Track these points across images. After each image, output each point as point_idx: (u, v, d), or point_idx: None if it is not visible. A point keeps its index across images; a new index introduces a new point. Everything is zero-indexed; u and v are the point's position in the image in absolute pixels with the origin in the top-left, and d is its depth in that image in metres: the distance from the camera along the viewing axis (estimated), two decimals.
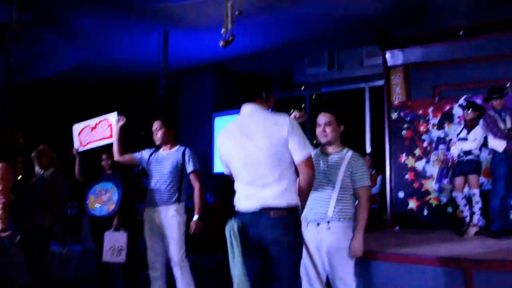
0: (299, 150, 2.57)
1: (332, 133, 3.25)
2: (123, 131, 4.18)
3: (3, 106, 6.99)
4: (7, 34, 5.39)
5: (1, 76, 6.33)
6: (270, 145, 2.56)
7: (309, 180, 2.63)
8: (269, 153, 2.55)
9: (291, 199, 2.56)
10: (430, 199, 6.34)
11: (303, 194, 2.63)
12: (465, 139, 5.30)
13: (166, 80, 5.63)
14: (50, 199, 3.98)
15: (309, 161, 2.60)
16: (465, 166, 5.31)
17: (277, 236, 2.49)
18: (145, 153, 4.21)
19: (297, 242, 2.61)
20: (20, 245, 4.01)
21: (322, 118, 3.28)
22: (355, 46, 8.28)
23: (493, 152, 5.19)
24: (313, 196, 3.22)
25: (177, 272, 3.95)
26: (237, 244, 2.44)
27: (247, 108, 2.71)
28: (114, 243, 4.61)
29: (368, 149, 8.58)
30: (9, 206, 3.64)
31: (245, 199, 2.60)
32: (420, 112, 6.53)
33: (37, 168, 4.43)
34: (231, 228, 2.47)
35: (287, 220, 2.52)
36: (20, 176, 5.18)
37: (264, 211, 2.50)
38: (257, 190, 2.56)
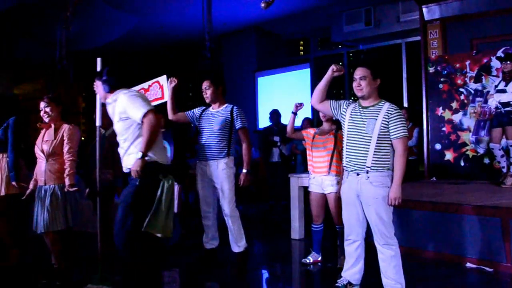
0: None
1: (367, 86, 3.18)
2: (175, 91, 4.22)
3: (66, 73, 7.20)
4: (66, 5, 5.48)
5: (62, 45, 6.48)
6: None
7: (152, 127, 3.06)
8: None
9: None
10: (467, 150, 6.18)
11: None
12: (503, 90, 5.09)
13: (211, 42, 5.61)
14: (112, 156, 4.11)
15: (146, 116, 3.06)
16: (504, 118, 5.11)
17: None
18: (196, 111, 4.26)
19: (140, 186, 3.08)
20: (89, 197, 4.20)
21: (357, 73, 3.22)
22: (392, 2, 7.99)
23: None
24: (352, 147, 3.21)
25: (228, 221, 4.05)
26: None
27: None
28: None
29: (405, 103, 8.39)
30: (77, 164, 3.79)
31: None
32: (457, 65, 6.29)
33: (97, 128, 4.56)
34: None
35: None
36: (84, 138, 5.37)
37: None
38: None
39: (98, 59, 3.71)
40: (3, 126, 4.10)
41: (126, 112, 3.13)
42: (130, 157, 3.16)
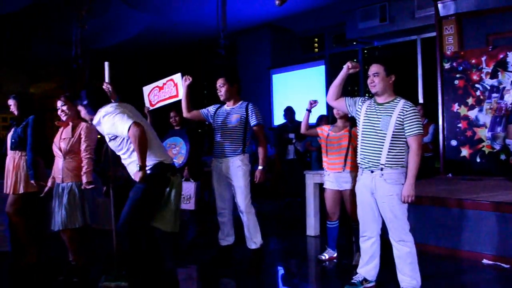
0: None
1: (380, 83, 3.18)
2: (190, 89, 4.25)
3: (81, 72, 7.28)
4: (81, 3, 5.54)
5: (78, 44, 6.55)
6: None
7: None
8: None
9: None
10: (483, 146, 6.12)
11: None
12: None
13: (225, 40, 5.62)
14: None
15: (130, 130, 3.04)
16: None
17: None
18: (211, 109, 4.28)
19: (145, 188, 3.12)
20: (106, 195, 4.26)
21: (371, 69, 3.22)
22: None
23: None
24: (367, 144, 3.21)
25: (244, 218, 4.07)
26: None
27: None
28: (184, 192, 4.76)
29: (421, 99, 8.32)
30: (94, 161, 3.84)
31: None
32: (473, 61, 6.21)
33: None
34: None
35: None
36: (100, 136, 5.45)
37: None
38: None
39: (106, 64, 3.74)
40: (22, 125, 4.17)
41: (111, 132, 3.17)
42: (132, 164, 3.20)
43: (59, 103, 3.89)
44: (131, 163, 3.21)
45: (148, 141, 3.08)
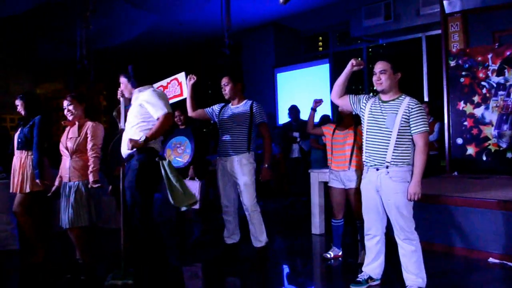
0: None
1: (387, 80, 3.17)
2: (194, 88, 4.28)
3: (86, 72, 7.32)
4: (86, 4, 5.57)
5: (83, 44, 6.59)
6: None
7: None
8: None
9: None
10: (489, 145, 6.10)
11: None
12: None
13: (230, 39, 5.65)
14: None
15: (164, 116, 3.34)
16: None
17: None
18: (216, 108, 4.30)
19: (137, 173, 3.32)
20: (112, 194, 4.30)
21: (377, 67, 3.21)
22: None
23: None
24: (372, 142, 3.21)
25: (249, 216, 4.09)
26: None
27: None
28: None
29: (426, 98, 8.31)
30: (100, 160, 3.88)
31: None
32: (479, 58, 6.19)
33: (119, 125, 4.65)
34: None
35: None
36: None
37: None
38: None
39: (129, 68, 3.82)
40: (29, 125, 4.21)
41: (146, 105, 3.39)
42: (132, 135, 3.38)
43: (65, 103, 3.93)
44: (132, 135, 3.38)
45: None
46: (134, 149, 3.30)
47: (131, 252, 3.64)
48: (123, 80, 3.63)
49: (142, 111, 3.41)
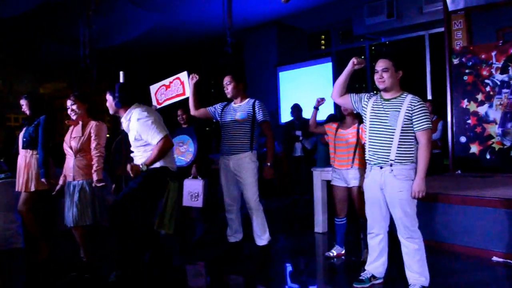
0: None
1: (389, 79, 3.17)
2: (196, 87, 4.29)
3: (89, 72, 7.33)
4: (88, 3, 5.58)
5: (86, 44, 6.61)
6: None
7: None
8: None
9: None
10: (493, 143, 6.09)
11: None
12: None
13: (232, 38, 5.65)
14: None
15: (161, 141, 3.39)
16: None
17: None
18: (218, 107, 4.32)
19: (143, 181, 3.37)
20: (115, 193, 4.32)
21: (379, 65, 3.21)
22: None
23: None
24: (375, 141, 3.22)
25: (252, 215, 4.11)
26: None
27: None
28: (192, 189, 4.82)
29: (429, 96, 8.29)
30: (104, 160, 3.90)
31: None
32: (483, 56, 6.17)
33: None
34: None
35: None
36: (108, 135, 5.53)
37: None
38: None
39: (121, 73, 3.83)
40: (34, 124, 4.24)
41: (141, 136, 3.42)
42: (139, 160, 3.46)
43: (68, 102, 3.95)
44: (139, 159, 3.45)
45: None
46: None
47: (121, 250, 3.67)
48: (108, 97, 3.64)
49: (140, 142, 3.47)
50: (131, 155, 3.57)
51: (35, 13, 7.45)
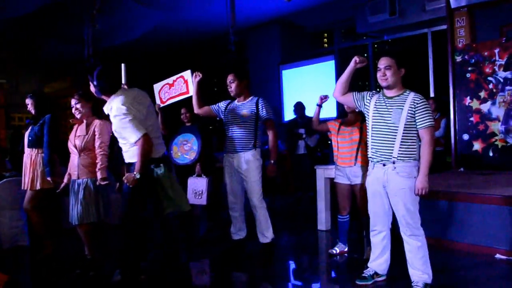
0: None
1: (392, 76, 3.17)
2: (200, 85, 4.30)
3: (93, 71, 7.35)
4: (92, 2, 5.60)
5: (90, 43, 6.63)
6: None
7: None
8: None
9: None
10: (496, 140, 6.07)
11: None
12: None
13: (235, 36, 5.67)
14: None
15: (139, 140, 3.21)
16: None
17: None
18: (221, 105, 4.33)
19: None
20: (119, 191, 4.33)
21: (382, 62, 3.21)
22: None
23: None
24: (378, 138, 3.22)
25: (255, 212, 4.13)
26: None
27: None
28: (196, 187, 4.84)
29: (432, 93, 8.28)
30: (108, 158, 3.92)
31: None
32: (486, 53, 6.15)
33: None
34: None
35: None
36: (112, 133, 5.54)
37: None
38: None
39: (122, 65, 3.80)
40: (39, 123, 4.26)
41: (120, 133, 3.30)
42: (129, 152, 3.36)
43: (73, 101, 3.97)
44: (128, 151, 3.36)
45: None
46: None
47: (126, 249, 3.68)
48: (91, 84, 3.49)
49: (121, 138, 3.35)
50: (120, 145, 3.49)
51: (39, 13, 7.48)
